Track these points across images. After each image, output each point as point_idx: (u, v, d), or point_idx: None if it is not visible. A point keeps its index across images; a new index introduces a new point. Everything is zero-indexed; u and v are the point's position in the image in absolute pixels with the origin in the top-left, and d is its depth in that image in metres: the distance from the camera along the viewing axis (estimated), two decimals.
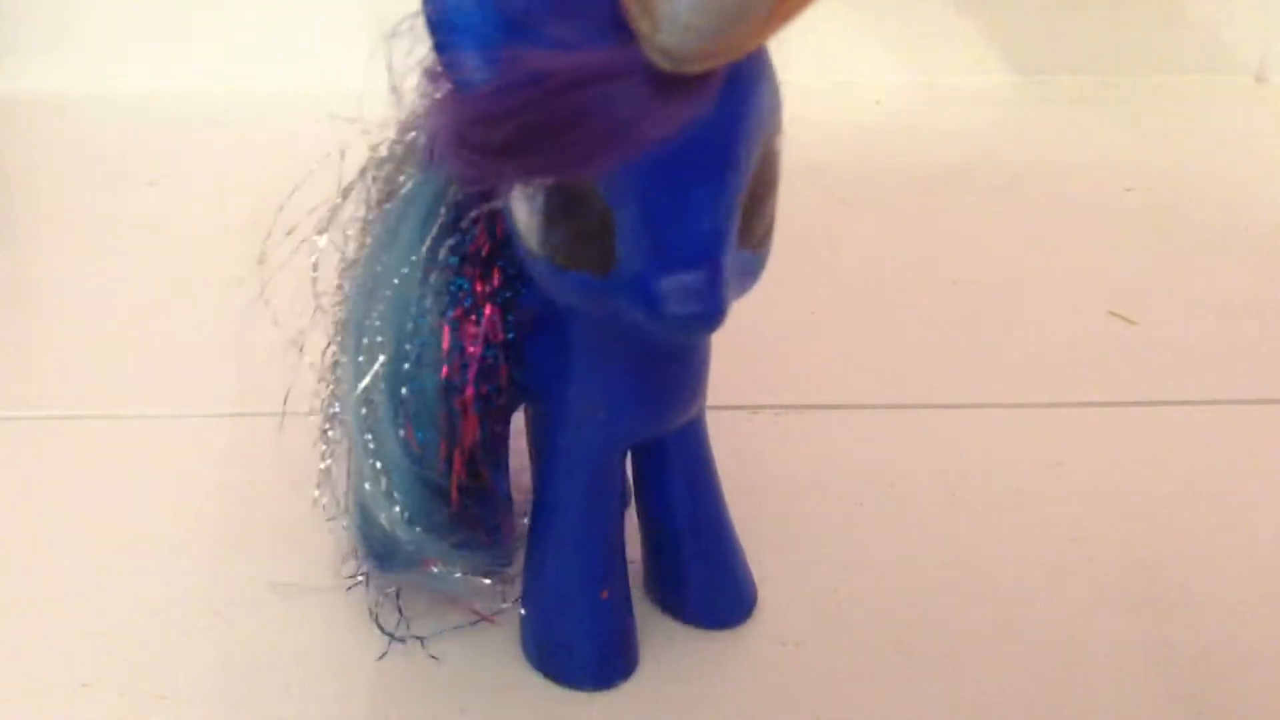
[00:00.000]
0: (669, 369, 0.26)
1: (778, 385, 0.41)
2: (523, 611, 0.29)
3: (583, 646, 0.29)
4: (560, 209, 0.20)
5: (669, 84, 0.18)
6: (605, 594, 0.28)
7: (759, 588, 0.32)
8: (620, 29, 0.18)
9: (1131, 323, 0.46)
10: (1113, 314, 0.46)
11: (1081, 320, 0.46)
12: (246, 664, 0.29)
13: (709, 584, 0.30)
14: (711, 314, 0.20)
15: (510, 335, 0.26)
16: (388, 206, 0.25)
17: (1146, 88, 0.72)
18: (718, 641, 0.30)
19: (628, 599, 0.29)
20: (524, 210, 0.21)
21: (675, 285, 0.20)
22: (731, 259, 0.20)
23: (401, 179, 0.25)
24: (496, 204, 0.23)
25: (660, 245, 0.20)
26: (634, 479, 0.30)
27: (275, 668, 0.29)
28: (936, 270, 0.50)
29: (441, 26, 0.20)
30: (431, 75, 0.22)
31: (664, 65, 0.17)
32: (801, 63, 0.67)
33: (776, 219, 0.23)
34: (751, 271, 0.22)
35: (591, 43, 0.18)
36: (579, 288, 0.21)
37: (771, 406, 0.40)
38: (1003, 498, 0.35)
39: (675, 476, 0.29)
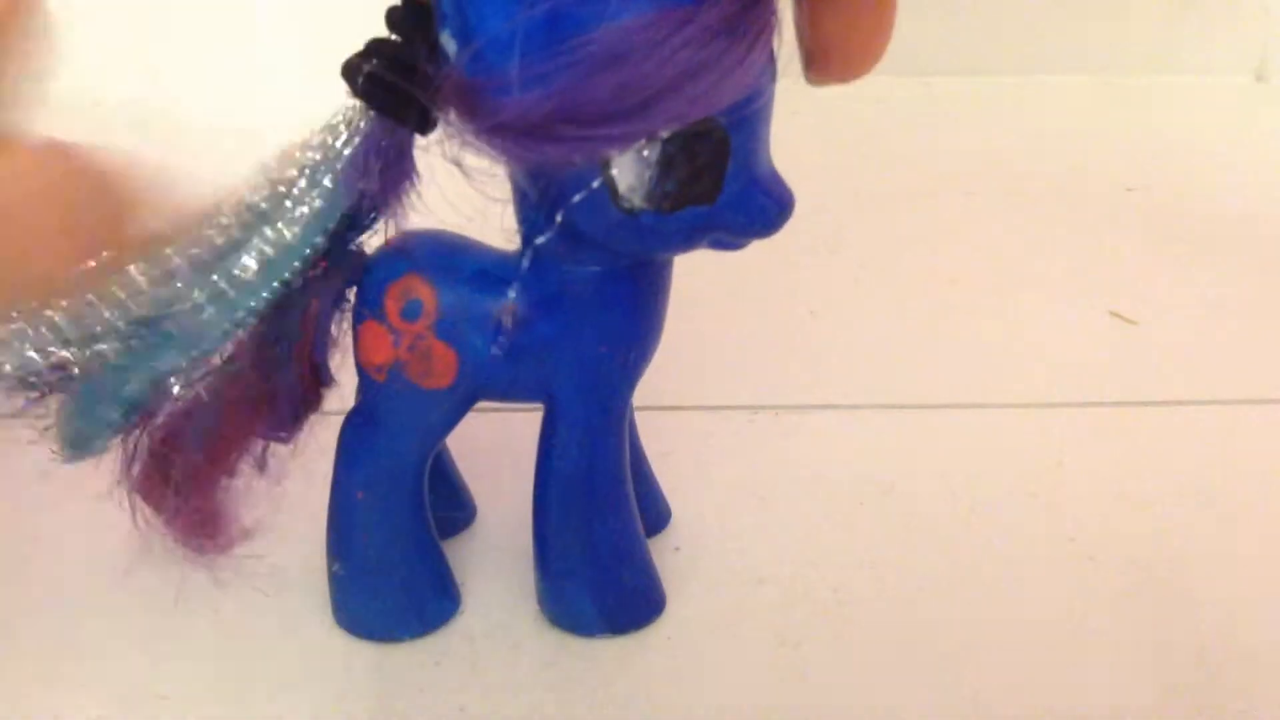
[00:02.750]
0: (666, 293, 0.28)
1: (778, 385, 0.41)
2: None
3: (648, 583, 0.31)
4: (679, 151, 0.22)
5: (754, 17, 0.21)
6: (643, 529, 0.30)
7: (760, 587, 0.32)
8: None
9: (1132, 323, 0.46)
10: (1113, 314, 0.46)
11: (1081, 320, 0.46)
12: (246, 664, 0.30)
13: (649, 502, 0.33)
14: (791, 203, 0.24)
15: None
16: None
17: (1146, 88, 0.72)
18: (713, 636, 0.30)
19: None
20: (633, 170, 0.23)
21: (773, 189, 0.24)
22: None
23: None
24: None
25: (756, 160, 0.23)
26: None
27: (275, 668, 0.29)
28: (936, 270, 0.50)
29: (489, 34, 0.21)
30: (472, 87, 0.22)
31: None
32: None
33: None
34: None
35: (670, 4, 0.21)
36: (686, 223, 0.24)
37: (771, 406, 0.40)
38: (1003, 498, 0.36)
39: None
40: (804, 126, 0.62)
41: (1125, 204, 0.57)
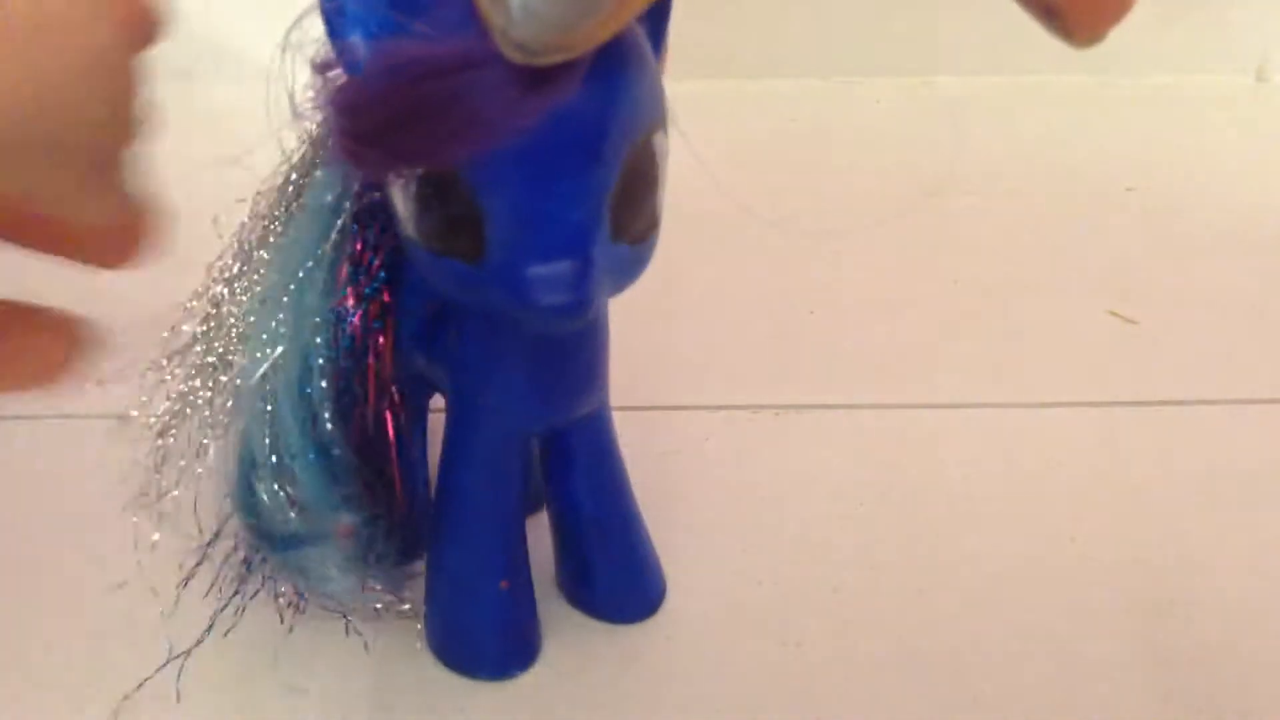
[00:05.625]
0: (558, 357, 0.26)
1: (778, 385, 0.41)
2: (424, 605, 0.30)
3: (481, 636, 0.29)
4: (431, 196, 0.21)
5: (528, 75, 0.18)
6: (505, 584, 0.29)
7: (760, 587, 0.32)
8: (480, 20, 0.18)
9: (1132, 323, 0.46)
10: (1113, 314, 0.46)
11: (1081, 320, 0.46)
12: (246, 666, 0.30)
13: (613, 580, 0.31)
14: (577, 304, 0.20)
15: (407, 325, 0.26)
16: (293, 207, 0.25)
17: (1146, 88, 0.72)
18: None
19: (529, 592, 0.30)
20: (400, 196, 0.22)
21: (542, 275, 0.20)
22: (602, 252, 0.21)
23: (307, 179, 0.25)
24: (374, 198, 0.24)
25: (527, 236, 0.20)
26: (542, 475, 0.30)
27: (275, 669, 0.29)
28: (936, 270, 0.50)
29: (335, 15, 0.20)
30: (322, 66, 0.22)
31: (516, 57, 0.17)
32: (802, 62, 0.67)
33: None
34: (629, 267, 0.22)
35: (457, 32, 0.19)
36: (453, 274, 0.22)
37: (771, 406, 0.40)
38: (1003, 498, 0.36)
39: (578, 472, 0.30)
40: (804, 126, 0.62)
41: (1125, 204, 0.57)
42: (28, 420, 0.39)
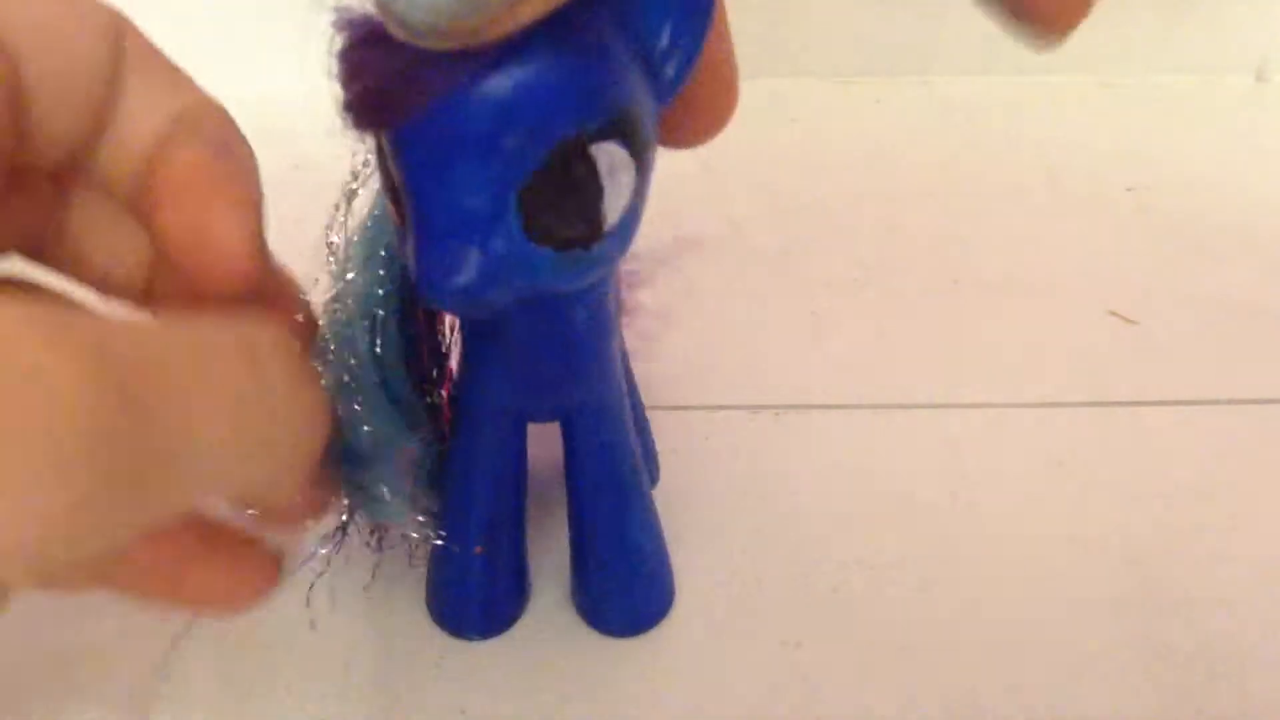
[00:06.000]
0: (520, 343, 0.26)
1: (778, 385, 0.41)
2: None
3: (450, 592, 0.31)
4: (379, 163, 0.21)
5: (422, 54, 0.18)
6: (479, 550, 0.29)
7: (760, 587, 0.32)
8: None
9: (1132, 323, 0.46)
10: (1113, 314, 0.46)
11: (1081, 320, 0.46)
12: (245, 665, 0.30)
13: (601, 586, 0.31)
14: (461, 289, 0.20)
15: None
16: None
17: (1146, 88, 0.72)
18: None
19: (510, 566, 0.30)
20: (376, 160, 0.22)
21: (435, 253, 0.20)
22: (509, 248, 0.20)
23: None
24: None
25: (424, 213, 0.20)
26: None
27: (274, 667, 0.29)
28: (936, 270, 0.50)
29: None
30: (346, 25, 0.22)
31: (398, 34, 0.17)
32: (802, 62, 0.67)
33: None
34: (554, 271, 0.21)
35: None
36: (398, 238, 0.22)
37: (771, 406, 0.40)
38: (1003, 498, 0.36)
39: (574, 467, 0.30)
40: (804, 126, 0.62)
41: (1125, 204, 0.57)
42: None
